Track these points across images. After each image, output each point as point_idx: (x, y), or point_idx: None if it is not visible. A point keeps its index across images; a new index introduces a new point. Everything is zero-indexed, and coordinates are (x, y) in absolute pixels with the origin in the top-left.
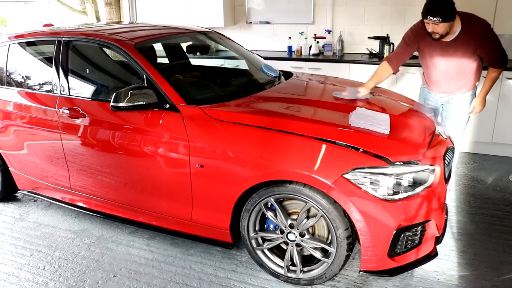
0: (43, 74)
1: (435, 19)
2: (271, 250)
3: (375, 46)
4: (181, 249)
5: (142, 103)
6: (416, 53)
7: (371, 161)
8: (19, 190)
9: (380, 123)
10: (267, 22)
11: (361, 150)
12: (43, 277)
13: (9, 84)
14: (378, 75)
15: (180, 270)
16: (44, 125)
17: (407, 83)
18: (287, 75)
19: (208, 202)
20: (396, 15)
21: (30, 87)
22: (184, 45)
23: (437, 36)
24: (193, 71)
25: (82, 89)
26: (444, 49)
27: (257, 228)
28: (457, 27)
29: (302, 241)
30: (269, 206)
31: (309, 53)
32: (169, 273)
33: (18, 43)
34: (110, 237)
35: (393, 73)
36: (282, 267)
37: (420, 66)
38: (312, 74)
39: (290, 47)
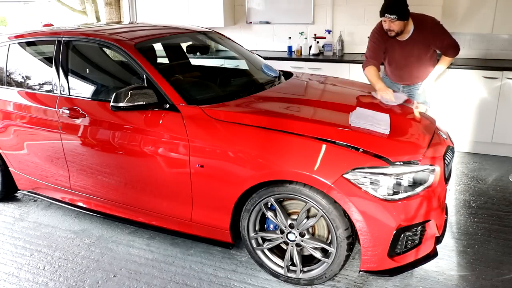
0: (43, 74)
1: (391, 16)
2: (271, 250)
3: None
4: (181, 249)
5: (142, 103)
6: None
7: (371, 161)
8: (19, 190)
9: (380, 123)
10: (267, 22)
11: (361, 150)
12: (43, 277)
13: (9, 84)
14: (378, 76)
15: (180, 270)
16: (44, 125)
17: None
18: (287, 75)
19: (208, 202)
20: None
21: (30, 87)
22: (184, 45)
23: (393, 33)
24: (193, 71)
25: (82, 89)
26: (402, 47)
27: (257, 228)
28: (411, 27)
29: (302, 241)
30: (269, 206)
31: (309, 53)
32: (169, 273)
33: (18, 43)
34: (110, 237)
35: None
36: (282, 267)
37: None
38: (312, 74)
39: (290, 47)
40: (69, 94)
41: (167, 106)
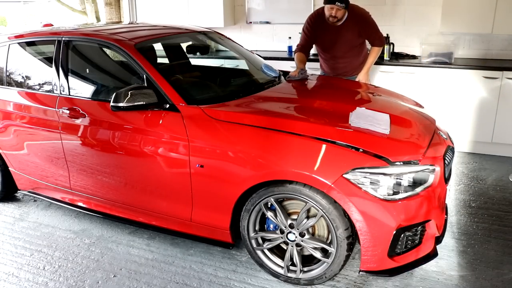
0: (43, 74)
1: (341, 5)
2: (271, 250)
3: None
4: (181, 249)
5: (142, 103)
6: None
7: (371, 161)
8: (19, 190)
9: (380, 123)
10: (267, 22)
11: (361, 150)
12: (43, 277)
13: (9, 84)
14: (302, 60)
15: (180, 270)
16: (44, 125)
17: (406, 83)
18: (287, 75)
19: (208, 202)
20: (396, 15)
21: (30, 87)
22: (184, 45)
23: (335, 20)
24: (193, 71)
25: (82, 89)
26: (336, 31)
27: (257, 228)
28: (346, 14)
29: (302, 241)
30: (269, 206)
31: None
32: (169, 273)
33: (18, 43)
34: (110, 237)
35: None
36: (282, 267)
37: (417, 66)
38: (312, 74)
39: (290, 47)
40: (69, 94)
41: (167, 106)
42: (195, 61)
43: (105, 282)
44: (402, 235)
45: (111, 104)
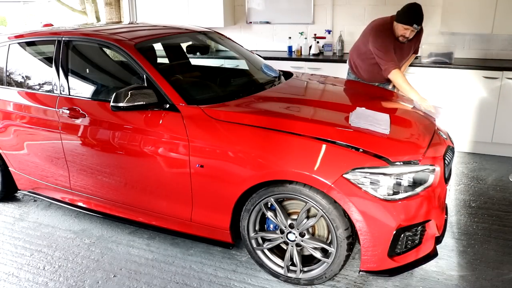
0: (43, 74)
1: (418, 27)
2: (271, 250)
3: None
4: (181, 249)
5: (142, 103)
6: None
7: (371, 161)
8: (19, 190)
9: (380, 123)
10: (267, 22)
11: (361, 150)
12: (43, 277)
13: (9, 84)
14: (408, 82)
15: (180, 270)
16: (44, 125)
17: None
18: (287, 75)
19: (208, 202)
20: None
21: (30, 87)
22: (184, 45)
23: (405, 40)
24: (193, 71)
25: (82, 89)
26: (401, 47)
27: (257, 228)
28: None
29: (302, 241)
30: (269, 206)
31: (309, 53)
32: (169, 273)
33: (18, 43)
34: (110, 237)
35: None
36: (282, 267)
37: (417, 66)
38: (312, 74)
39: (290, 47)
40: (69, 94)
41: (167, 106)
42: (195, 61)
43: (105, 282)
44: (402, 235)
45: (111, 104)
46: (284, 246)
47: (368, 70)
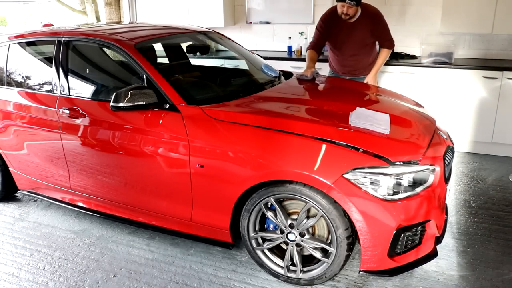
0: (43, 74)
1: (352, 2)
2: (271, 250)
3: None
4: (181, 249)
5: (142, 103)
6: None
7: (371, 161)
8: (19, 190)
9: (380, 123)
10: (267, 22)
11: (361, 150)
12: (43, 277)
13: (9, 84)
14: (313, 58)
15: (180, 270)
16: (44, 125)
17: (406, 83)
18: (287, 75)
19: (208, 202)
20: (396, 15)
21: (30, 87)
22: (184, 45)
23: (347, 17)
24: (193, 71)
25: (82, 89)
26: (349, 28)
27: (257, 228)
28: (359, 12)
29: (302, 241)
30: (269, 206)
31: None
32: (169, 273)
33: (18, 43)
34: (110, 237)
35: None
36: (282, 267)
37: (417, 66)
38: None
39: (290, 47)
40: (69, 94)
41: (167, 106)
42: (195, 61)
43: (105, 282)
44: (402, 235)
45: (111, 104)
46: (284, 246)
47: (335, 61)
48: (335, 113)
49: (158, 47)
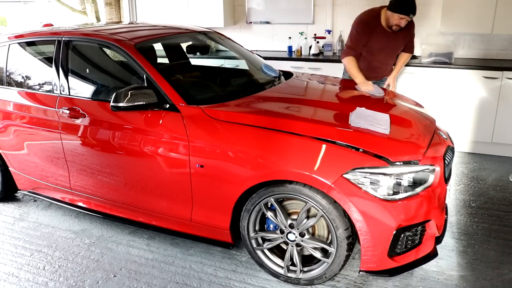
0: (43, 74)
1: (412, 16)
2: (271, 250)
3: None
4: (181, 249)
5: (142, 103)
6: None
7: (371, 161)
8: (19, 190)
9: (380, 123)
10: (267, 22)
11: (361, 150)
12: (43, 277)
13: (9, 84)
14: (357, 67)
15: (180, 270)
16: (44, 125)
17: (406, 83)
18: (287, 75)
19: (208, 202)
20: None
21: (30, 87)
22: (184, 45)
23: (398, 28)
24: (193, 71)
25: (82, 89)
26: (390, 36)
27: (257, 228)
28: None
29: (302, 241)
30: (269, 206)
31: (309, 53)
32: (169, 273)
33: (18, 43)
34: (110, 237)
35: None
36: (282, 267)
37: (417, 66)
38: (312, 74)
39: (290, 47)
40: (69, 94)
41: (167, 106)
42: (195, 61)
43: (105, 282)
44: (402, 235)
45: (111, 104)
46: (284, 246)
47: (362, 66)
48: (335, 113)
49: (158, 47)
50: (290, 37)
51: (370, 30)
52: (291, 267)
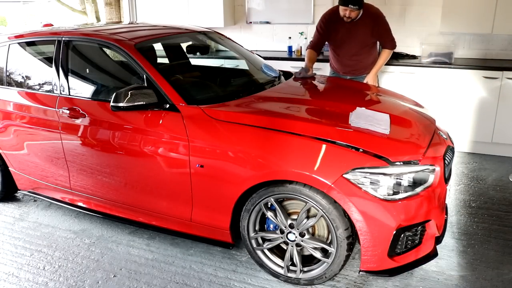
0: (43, 74)
1: (354, 7)
2: (271, 250)
3: None
4: (181, 249)
5: (142, 103)
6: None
7: (371, 161)
8: (19, 190)
9: (380, 123)
10: (267, 22)
11: (361, 150)
12: (43, 277)
13: (9, 84)
14: (312, 58)
15: (180, 270)
16: (44, 125)
17: (406, 83)
18: (287, 75)
19: (208, 202)
20: (396, 15)
21: (30, 87)
22: (184, 45)
23: (349, 20)
24: (193, 71)
25: (82, 89)
26: (349, 28)
27: (257, 228)
28: (360, 12)
29: (302, 241)
30: (269, 206)
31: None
32: (169, 273)
33: (18, 43)
34: (110, 237)
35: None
36: (282, 267)
37: (417, 66)
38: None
39: (290, 47)
40: (69, 94)
41: (167, 106)
42: (195, 61)
43: (105, 282)
44: (402, 235)
45: (111, 104)
46: (284, 246)
47: (336, 60)
48: (335, 113)
49: (158, 47)
50: (290, 37)
51: (329, 24)
52: (291, 267)
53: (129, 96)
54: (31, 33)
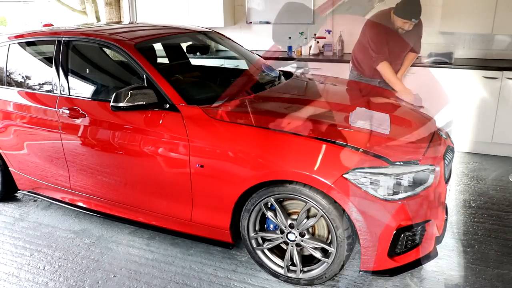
0: (43, 74)
1: (416, 21)
2: (271, 250)
3: None
4: (181, 249)
5: (142, 103)
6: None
7: (371, 161)
8: (19, 190)
9: (380, 123)
10: (267, 22)
11: (361, 150)
12: (43, 277)
13: (9, 84)
14: (395, 74)
15: (180, 270)
16: (44, 125)
17: (406, 83)
18: (287, 75)
19: (208, 202)
20: None
21: (30, 87)
22: (184, 45)
23: (403, 31)
24: (193, 71)
25: (82, 89)
26: (398, 38)
27: (257, 228)
28: None
29: (302, 241)
30: (269, 206)
31: (309, 53)
32: (169, 273)
33: (18, 43)
34: (110, 237)
35: None
36: (282, 267)
37: (417, 66)
38: (312, 74)
39: (290, 47)
40: (69, 94)
41: (167, 106)
42: (195, 61)
43: (105, 282)
44: (402, 235)
45: (111, 104)
46: (284, 246)
47: (369, 65)
48: (335, 113)
49: (158, 47)
50: (290, 37)
51: (385, 32)
52: (291, 267)
53: (129, 96)
54: (31, 33)
